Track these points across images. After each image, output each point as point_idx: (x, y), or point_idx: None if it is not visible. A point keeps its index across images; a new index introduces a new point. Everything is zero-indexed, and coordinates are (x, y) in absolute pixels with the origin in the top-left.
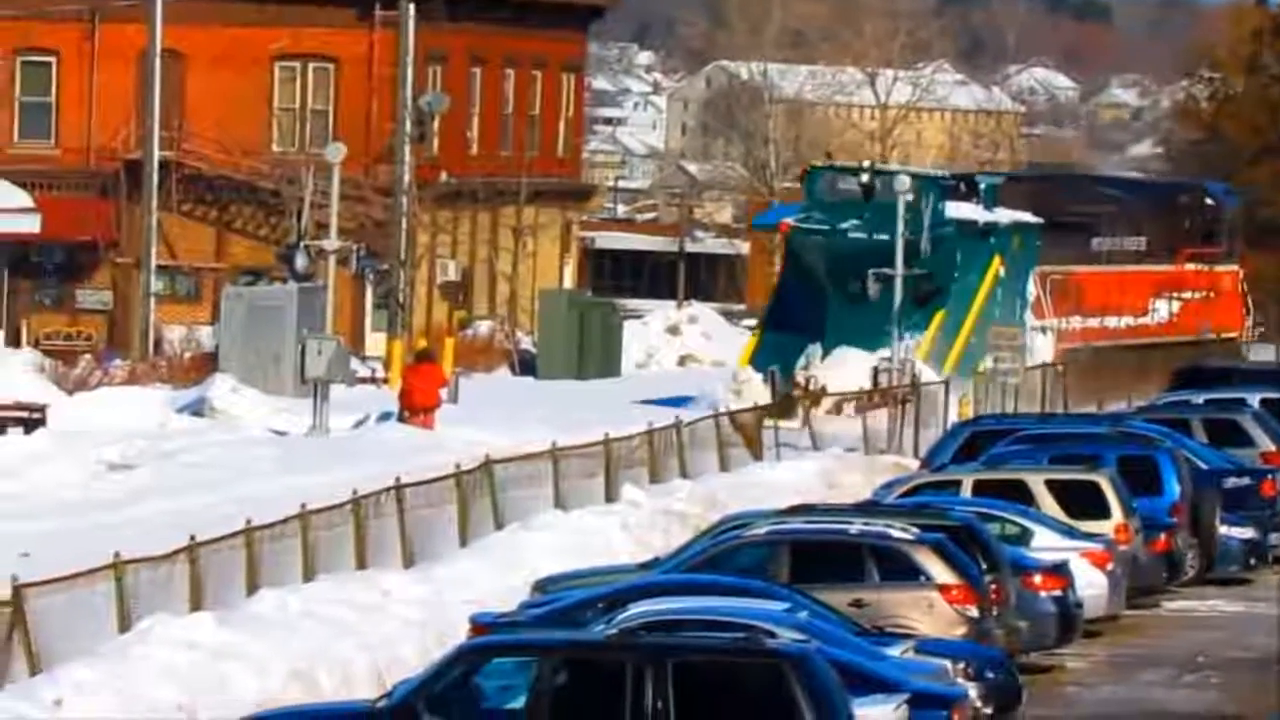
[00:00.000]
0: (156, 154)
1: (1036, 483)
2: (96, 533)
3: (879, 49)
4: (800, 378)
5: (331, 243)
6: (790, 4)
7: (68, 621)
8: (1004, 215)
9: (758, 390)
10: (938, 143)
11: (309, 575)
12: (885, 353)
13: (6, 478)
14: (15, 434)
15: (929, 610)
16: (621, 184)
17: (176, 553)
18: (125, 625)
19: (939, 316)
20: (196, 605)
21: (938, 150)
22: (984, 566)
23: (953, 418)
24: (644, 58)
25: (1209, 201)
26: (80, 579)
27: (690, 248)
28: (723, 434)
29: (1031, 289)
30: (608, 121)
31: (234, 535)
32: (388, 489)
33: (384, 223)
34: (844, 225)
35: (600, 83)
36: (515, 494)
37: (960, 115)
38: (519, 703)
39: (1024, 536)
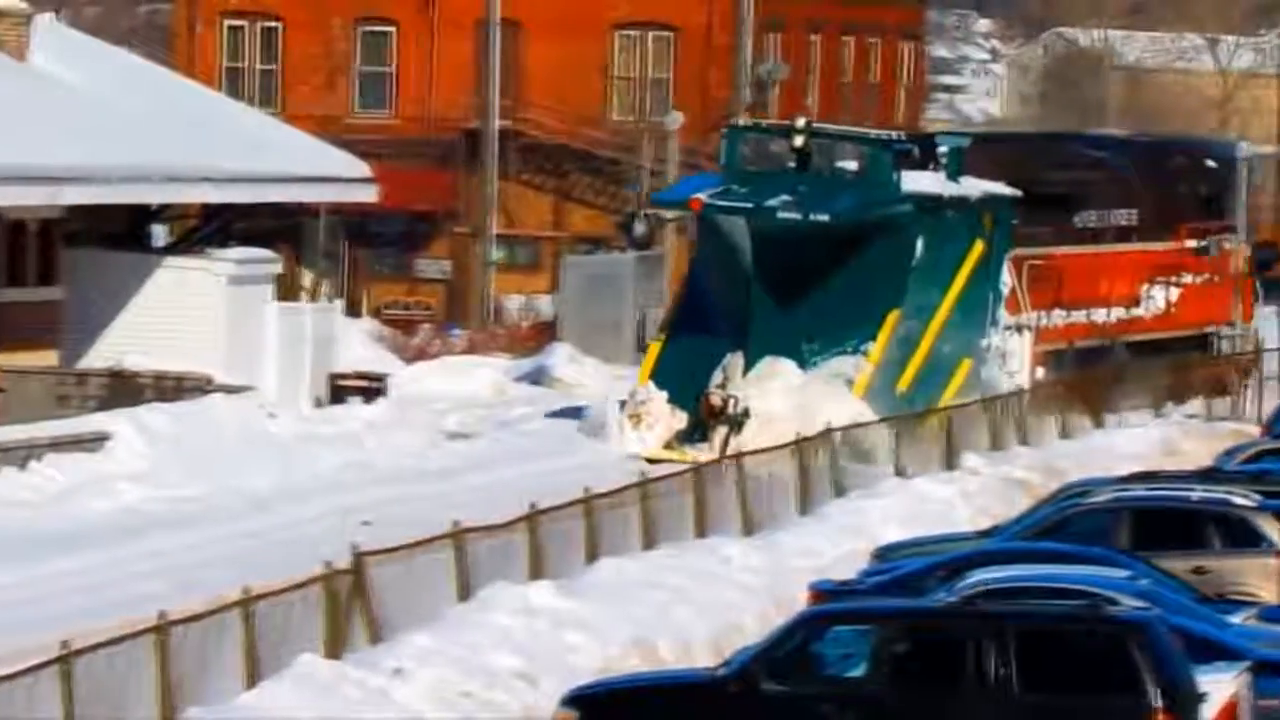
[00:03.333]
0: (495, 123)
1: None
2: (435, 501)
3: (1220, 15)
4: (715, 398)
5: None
6: None
7: (408, 590)
8: (972, 187)
9: (661, 413)
10: (1277, 109)
11: (649, 543)
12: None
13: (347, 446)
14: (355, 403)
15: (1271, 577)
16: None
17: (516, 521)
18: (465, 593)
19: (892, 317)
20: (536, 574)
21: (1277, 118)
22: None
23: None
24: (983, 25)
25: (1210, 164)
26: (420, 547)
27: None
28: (1063, 401)
29: (1006, 278)
30: (946, 89)
31: (574, 504)
32: (728, 457)
33: None
34: (772, 202)
35: (939, 50)
36: (854, 462)
37: None
38: (859, 670)
39: None
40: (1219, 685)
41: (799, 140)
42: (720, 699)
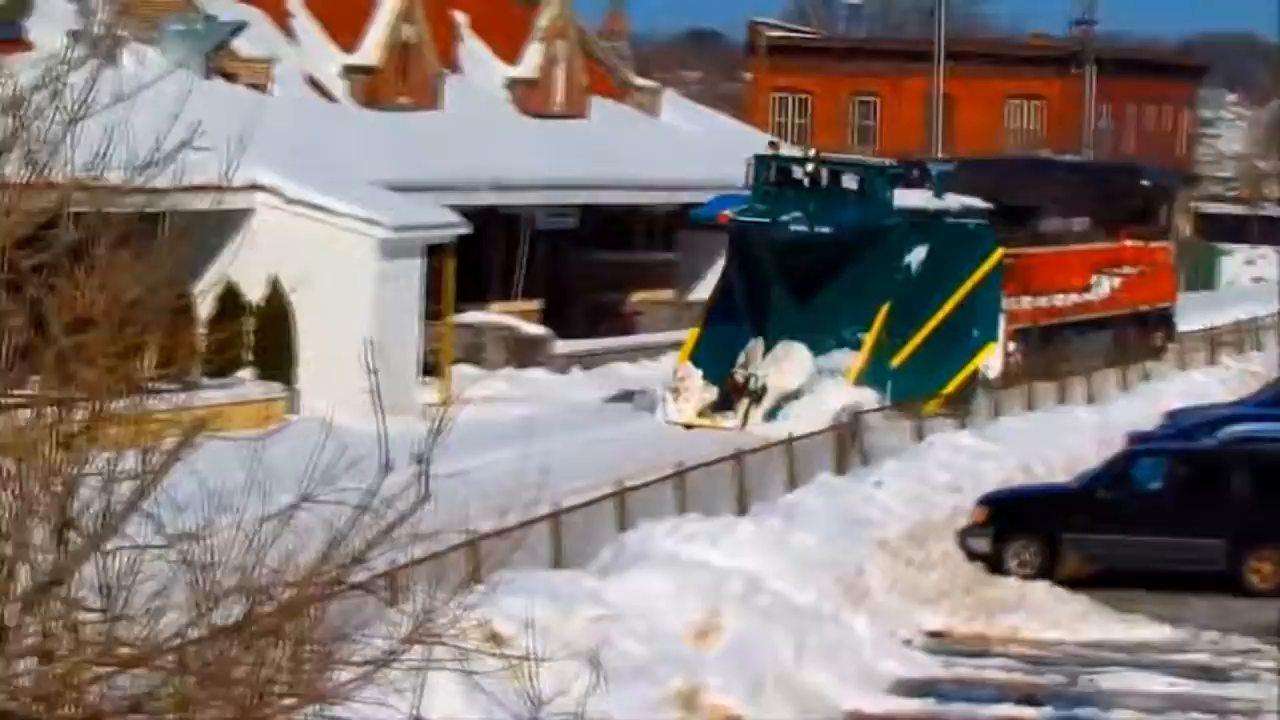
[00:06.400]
0: (938, 157)
1: None
2: None
3: None
4: (739, 376)
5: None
6: None
7: (885, 434)
8: (953, 201)
9: (696, 387)
10: None
11: (1029, 407)
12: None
13: None
14: None
15: None
16: (1218, 174)
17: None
18: (919, 437)
19: (884, 310)
20: (961, 425)
21: None
22: None
23: None
24: (1231, 97)
25: (1144, 183)
26: (892, 409)
27: (1262, 212)
28: None
29: None
30: (1208, 136)
31: (984, 383)
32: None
33: None
34: (785, 217)
35: (1204, 112)
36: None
37: None
38: (1156, 485)
39: None
40: None
41: (810, 166)
42: (1073, 501)
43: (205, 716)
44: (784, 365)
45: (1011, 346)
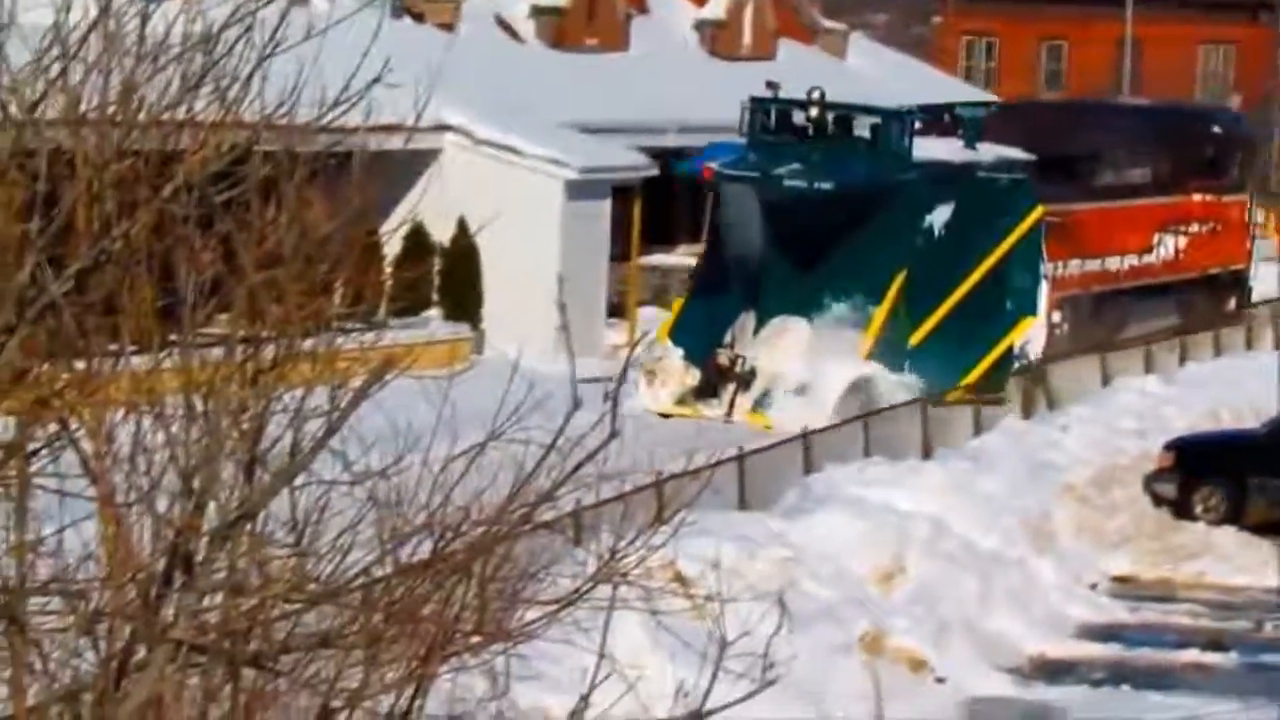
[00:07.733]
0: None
1: None
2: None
3: None
4: (723, 357)
5: None
6: None
7: (1070, 379)
8: (987, 152)
9: (675, 370)
10: None
11: (1217, 354)
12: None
13: None
14: None
15: None
16: None
17: (1132, 342)
18: (1105, 382)
19: (899, 278)
20: (1149, 370)
21: None
22: None
23: None
24: None
25: (1216, 130)
26: (1078, 357)
27: None
28: None
29: None
30: None
31: (1174, 333)
32: None
33: None
34: (780, 170)
35: None
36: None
37: None
38: None
39: None
40: None
41: (813, 111)
42: (1260, 447)
43: (392, 653)
44: (777, 345)
45: (1056, 317)
